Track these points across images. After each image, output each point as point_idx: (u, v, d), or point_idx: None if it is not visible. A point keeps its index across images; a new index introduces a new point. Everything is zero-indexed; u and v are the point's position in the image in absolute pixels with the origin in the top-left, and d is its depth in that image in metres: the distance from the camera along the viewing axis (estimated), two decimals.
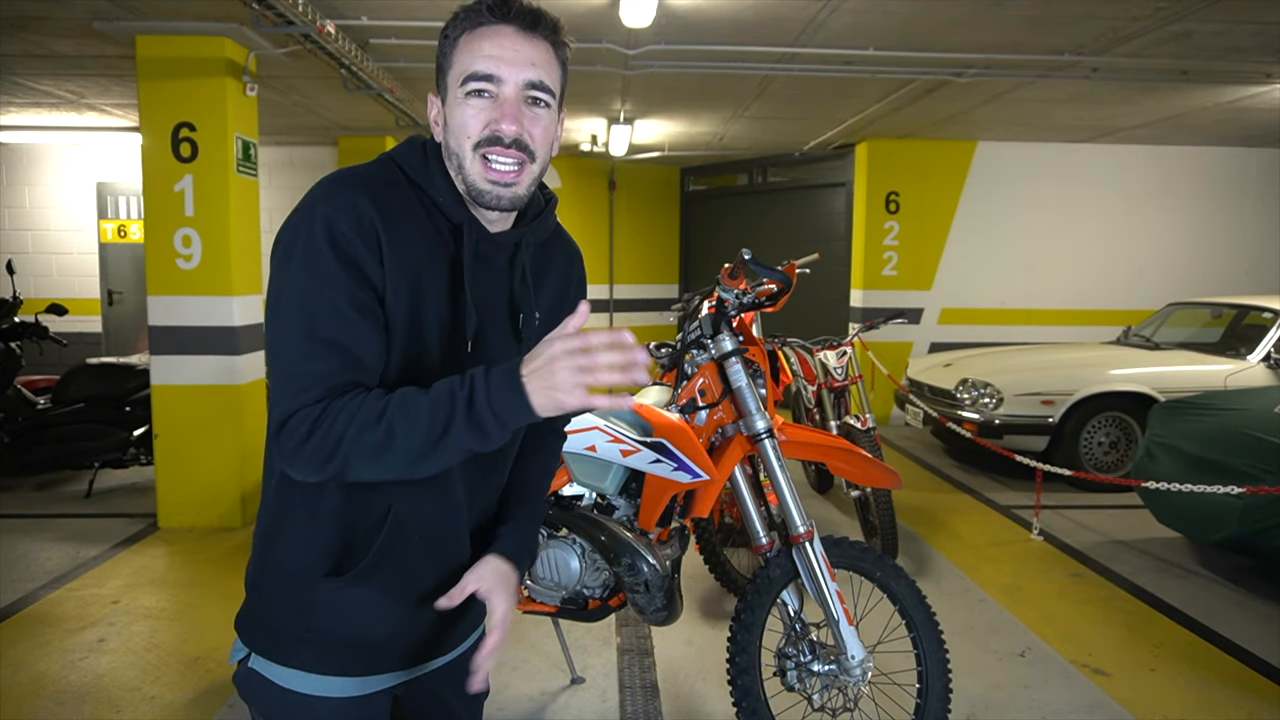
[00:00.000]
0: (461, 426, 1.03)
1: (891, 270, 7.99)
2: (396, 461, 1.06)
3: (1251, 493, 3.45)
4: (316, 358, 1.08)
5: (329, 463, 1.07)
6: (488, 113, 1.13)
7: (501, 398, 1.02)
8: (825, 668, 2.30)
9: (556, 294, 1.34)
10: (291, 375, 1.09)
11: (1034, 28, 4.44)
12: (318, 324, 1.08)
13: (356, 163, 1.21)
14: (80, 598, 3.75)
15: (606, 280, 9.64)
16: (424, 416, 1.04)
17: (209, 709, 2.85)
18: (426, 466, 1.07)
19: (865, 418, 4.14)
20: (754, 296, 2.54)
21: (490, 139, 1.13)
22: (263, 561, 1.23)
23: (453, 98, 1.15)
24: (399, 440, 1.04)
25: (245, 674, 1.24)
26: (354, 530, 1.19)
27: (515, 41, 1.13)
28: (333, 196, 1.11)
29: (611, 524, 2.44)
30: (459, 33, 1.15)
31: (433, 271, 1.16)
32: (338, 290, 1.08)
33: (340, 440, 1.05)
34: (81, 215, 8.67)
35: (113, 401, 5.32)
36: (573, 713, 2.86)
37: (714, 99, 6.21)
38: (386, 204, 1.13)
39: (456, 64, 1.14)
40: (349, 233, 1.09)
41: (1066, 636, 3.43)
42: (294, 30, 4.16)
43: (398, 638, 1.26)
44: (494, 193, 1.15)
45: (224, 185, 4.57)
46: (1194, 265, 8.02)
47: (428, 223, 1.17)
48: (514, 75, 1.13)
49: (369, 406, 1.06)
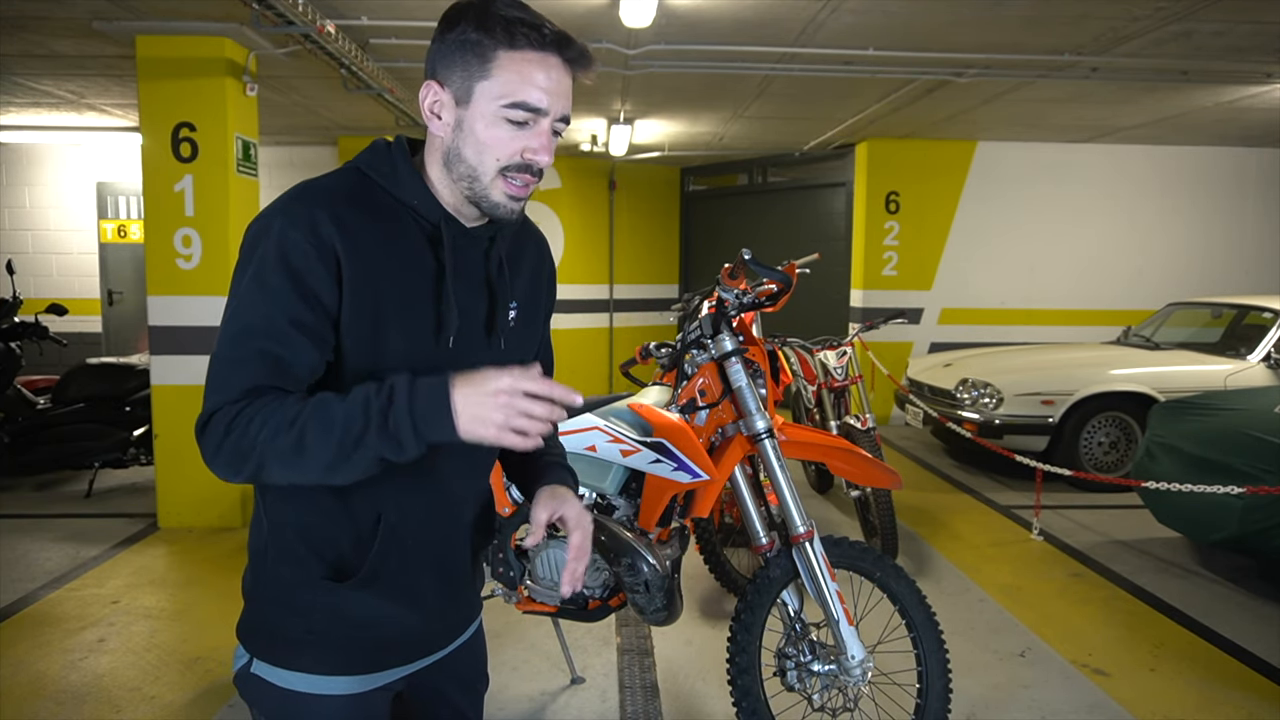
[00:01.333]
0: (375, 437, 1.02)
1: (891, 270, 7.99)
2: (309, 468, 1.05)
3: (1251, 493, 3.45)
4: (244, 363, 1.08)
5: (244, 465, 1.06)
6: (522, 140, 1.13)
7: (427, 412, 1.02)
8: (825, 668, 2.30)
9: (531, 281, 1.34)
10: (216, 377, 1.10)
11: (1034, 28, 4.44)
12: (253, 333, 1.09)
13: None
14: (80, 598, 3.75)
15: (606, 280, 9.64)
16: (338, 424, 1.03)
17: (209, 709, 2.85)
18: (340, 475, 1.06)
19: (865, 418, 4.14)
20: (754, 296, 2.54)
21: (522, 166, 1.14)
22: (258, 572, 1.24)
23: (482, 111, 1.12)
24: (311, 447, 1.03)
25: (247, 678, 1.25)
26: (346, 540, 1.19)
27: (562, 75, 1.13)
28: (290, 210, 1.11)
29: (611, 524, 2.44)
30: (498, 45, 1.10)
31: (406, 275, 1.15)
32: (278, 304, 1.08)
33: (254, 443, 1.04)
34: (81, 215, 8.67)
35: (113, 401, 5.32)
36: (573, 713, 2.86)
37: (714, 99, 6.21)
38: (349, 216, 1.12)
39: (498, 80, 1.10)
40: (301, 247, 1.09)
41: (1066, 636, 3.43)
42: (294, 30, 4.16)
43: (398, 636, 1.26)
44: (508, 206, 1.17)
45: (224, 185, 4.57)
46: (1194, 265, 8.02)
47: (399, 227, 1.16)
48: (556, 109, 1.14)
49: (284, 411, 1.05)
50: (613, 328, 9.64)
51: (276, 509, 1.21)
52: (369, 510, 1.18)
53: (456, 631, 1.36)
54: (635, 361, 2.82)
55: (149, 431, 5.07)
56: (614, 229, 9.61)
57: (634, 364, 2.86)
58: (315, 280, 1.09)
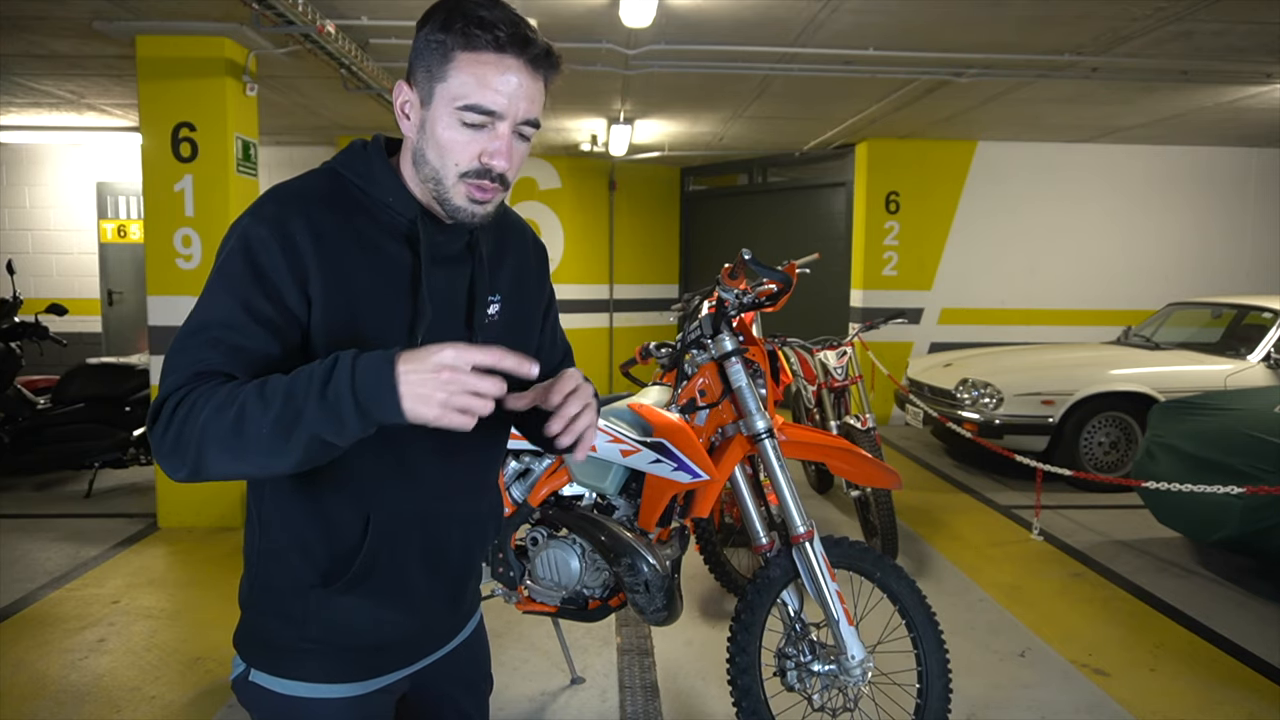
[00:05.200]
0: (315, 408, 0.95)
1: (891, 270, 7.99)
2: (248, 451, 0.98)
3: (1251, 493, 3.45)
4: (197, 350, 1.06)
5: (186, 453, 1.01)
6: (479, 143, 1.10)
7: (368, 384, 0.94)
8: (825, 668, 2.30)
9: (516, 273, 1.32)
10: (170, 366, 1.07)
11: (1034, 28, 4.44)
12: (209, 325, 1.07)
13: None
14: (80, 598, 3.75)
15: (606, 280, 9.64)
16: (277, 397, 0.97)
17: (209, 709, 2.85)
18: (280, 459, 0.98)
19: (865, 418, 4.14)
20: (754, 296, 2.54)
21: (480, 171, 1.11)
22: (252, 579, 1.23)
23: (441, 113, 1.10)
24: (249, 425, 0.97)
25: (245, 686, 1.24)
26: (337, 543, 1.18)
27: (522, 77, 1.10)
28: (259, 211, 1.11)
29: (611, 524, 2.44)
30: (456, 45, 1.08)
31: (381, 273, 1.14)
32: (236, 295, 1.07)
33: (195, 426, 0.99)
34: (81, 215, 8.67)
35: (113, 401, 5.32)
36: (573, 713, 2.86)
37: (714, 99, 6.21)
38: (320, 215, 1.12)
39: (453, 80, 1.09)
40: (265, 242, 1.08)
41: (1066, 636, 3.43)
42: (294, 30, 4.16)
43: (395, 640, 1.25)
44: (469, 209, 1.14)
45: (224, 185, 4.57)
46: (1194, 265, 8.02)
47: (373, 225, 1.15)
48: (514, 112, 1.10)
49: (227, 391, 1.00)
50: (613, 328, 9.64)
51: (267, 508, 1.20)
52: (358, 510, 1.17)
53: (455, 630, 1.36)
54: (635, 361, 2.82)
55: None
56: (614, 229, 9.61)
57: (634, 364, 2.86)
58: (278, 276, 1.08)
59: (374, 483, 1.15)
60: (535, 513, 2.62)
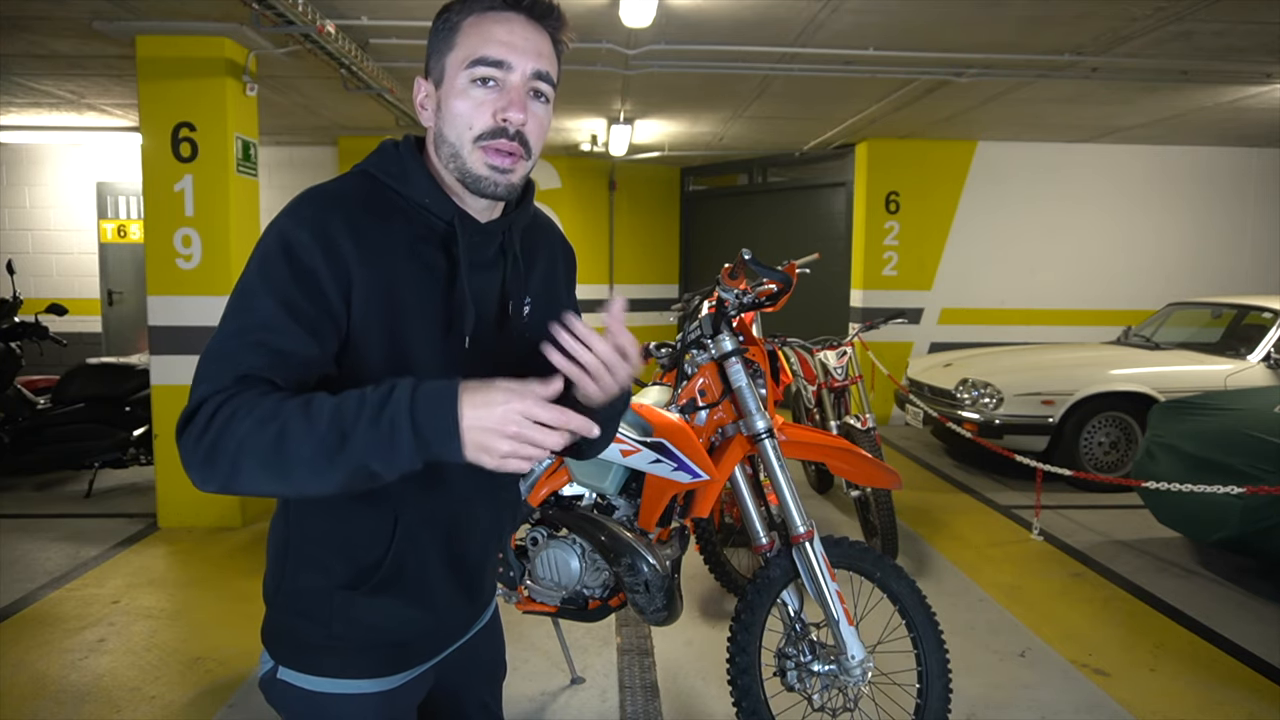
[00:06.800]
0: (365, 431, 0.93)
1: (891, 270, 7.99)
2: (287, 472, 0.95)
3: (1252, 493, 3.45)
4: (238, 354, 1.03)
5: (219, 464, 0.97)
6: (493, 102, 1.11)
7: (430, 420, 0.93)
8: (825, 668, 2.30)
9: (547, 275, 1.33)
10: (207, 368, 1.03)
11: (1034, 28, 4.44)
12: (250, 327, 1.04)
13: (356, 162, 1.20)
14: (80, 598, 3.75)
15: (606, 280, 9.64)
16: (324, 416, 0.94)
17: (209, 709, 2.85)
18: (319, 483, 0.96)
19: (865, 418, 4.14)
20: (754, 296, 2.54)
21: (495, 130, 1.11)
22: (278, 577, 1.23)
23: (453, 84, 1.11)
24: (291, 443, 0.94)
25: (272, 684, 1.24)
26: (365, 542, 1.18)
27: (526, 30, 1.12)
28: (297, 212, 1.09)
29: (611, 524, 2.44)
30: (463, 16, 1.12)
31: (420, 275, 1.14)
32: (277, 296, 1.05)
33: (233, 438, 0.96)
34: (81, 215, 8.67)
35: (113, 401, 5.32)
36: (573, 713, 2.86)
37: (714, 99, 6.21)
38: (360, 219, 1.11)
39: (461, 46, 1.11)
40: (309, 247, 1.06)
41: (1066, 636, 3.43)
42: (294, 30, 4.16)
43: (419, 636, 1.26)
44: (492, 179, 1.13)
45: (224, 185, 4.57)
46: (1194, 265, 8.02)
47: (411, 228, 1.15)
48: (523, 64, 1.11)
49: (271, 403, 0.97)
50: None
51: (295, 509, 1.20)
52: (387, 513, 1.17)
53: (474, 619, 1.38)
54: None
55: (149, 431, 5.07)
56: (614, 229, 9.61)
57: None
58: (320, 278, 1.07)
59: (403, 486, 1.14)
60: (535, 513, 2.62)
